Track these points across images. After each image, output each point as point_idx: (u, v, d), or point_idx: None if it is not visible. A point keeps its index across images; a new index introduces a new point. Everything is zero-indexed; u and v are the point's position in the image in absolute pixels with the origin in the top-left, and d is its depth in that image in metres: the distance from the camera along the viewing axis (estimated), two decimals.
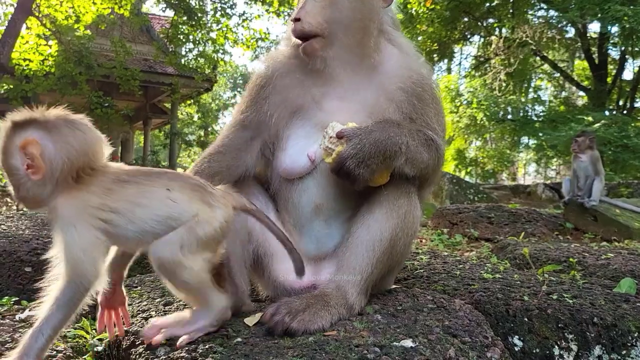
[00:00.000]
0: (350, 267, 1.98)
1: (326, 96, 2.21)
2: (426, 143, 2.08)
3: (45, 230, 3.17)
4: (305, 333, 1.73)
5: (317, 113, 2.20)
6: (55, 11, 14.71)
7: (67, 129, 1.49)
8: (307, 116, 2.21)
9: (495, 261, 3.64)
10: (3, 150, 1.47)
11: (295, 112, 2.23)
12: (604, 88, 23.13)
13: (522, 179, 33.63)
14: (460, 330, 1.82)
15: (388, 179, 2.02)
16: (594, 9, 18.73)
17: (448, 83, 28.03)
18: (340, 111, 2.15)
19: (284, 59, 2.31)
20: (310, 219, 2.16)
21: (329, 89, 2.21)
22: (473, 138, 28.71)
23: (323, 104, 2.21)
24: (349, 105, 2.19)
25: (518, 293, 2.38)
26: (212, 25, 18.07)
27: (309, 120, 2.20)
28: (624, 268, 3.29)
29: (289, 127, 2.22)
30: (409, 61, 2.30)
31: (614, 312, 2.22)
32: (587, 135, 7.27)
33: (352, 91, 2.21)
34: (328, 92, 2.21)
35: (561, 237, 6.23)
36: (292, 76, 2.26)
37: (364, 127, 1.96)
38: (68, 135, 1.47)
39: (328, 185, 2.12)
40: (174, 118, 21.29)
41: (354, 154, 1.89)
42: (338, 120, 2.03)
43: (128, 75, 15.97)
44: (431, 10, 23.46)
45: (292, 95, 2.24)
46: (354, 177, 1.91)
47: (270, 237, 1.96)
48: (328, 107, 2.19)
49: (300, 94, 2.23)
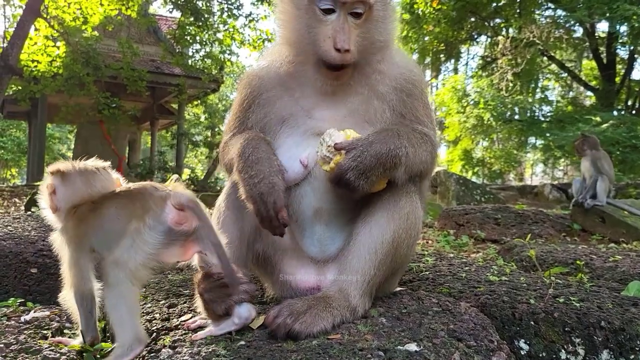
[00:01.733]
0: (353, 270, 1.98)
1: (316, 106, 2.19)
2: (422, 141, 2.07)
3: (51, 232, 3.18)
4: (308, 336, 1.73)
5: (307, 121, 2.17)
6: (63, 13, 14.78)
7: (78, 177, 1.87)
8: (297, 124, 2.18)
9: (501, 263, 3.61)
10: (42, 190, 1.93)
11: (284, 121, 2.20)
12: (612, 88, 22.98)
13: (530, 179, 33.45)
14: (465, 334, 1.80)
15: (386, 185, 2.02)
16: (603, 8, 18.62)
17: (455, 83, 27.98)
18: (331, 118, 2.14)
19: (269, 74, 2.26)
20: (311, 223, 2.15)
21: (318, 99, 2.18)
22: (480, 138, 28.61)
23: (313, 112, 2.18)
24: (337, 112, 2.17)
25: (524, 296, 2.36)
26: (219, 26, 18.07)
27: (298, 128, 2.17)
28: (632, 270, 3.26)
29: (279, 137, 2.19)
30: (398, 59, 2.29)
31: (622, 316, 2.19)
32: (584, 137, 7.31)
33: (342, 97, 2.18)
34: (317, 102, 2.18)
35: (568, 239, 6.19)
36: (278, 89, 2.23)
37: (363, 138, 1.94)
38: (76, 183, 1.87)
39: (325, 190, 2.10)
40: (180, 119, 21.31)
41: (354, 166, 1.88)
42: (330, 126, 2.03)
43: (135, 76, 16.00)
44: (438, 11, 23.41)
45: (279, 106, 2.21)
46: (353, 188, 1.90)
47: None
48: (318, 115, 2.17)
49: (289, 104, 2.21)
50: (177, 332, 1.80)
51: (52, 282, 2.78)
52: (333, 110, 2.17)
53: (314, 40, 2.03)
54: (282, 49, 2.24)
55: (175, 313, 2.01)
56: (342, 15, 1.99)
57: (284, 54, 2.21)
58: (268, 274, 2.27)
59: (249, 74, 2.36)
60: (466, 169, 27.91)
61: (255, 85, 2.26)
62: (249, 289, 1.79)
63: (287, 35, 2.18)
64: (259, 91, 2.24)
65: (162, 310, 2.05)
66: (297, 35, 2.12)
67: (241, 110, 2.27)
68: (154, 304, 2.15)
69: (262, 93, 2.23)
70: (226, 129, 2.38)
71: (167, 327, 1.84)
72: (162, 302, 2.18)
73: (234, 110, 2.33)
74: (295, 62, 2.18)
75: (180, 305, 2.11)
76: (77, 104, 17.44)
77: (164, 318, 1.95)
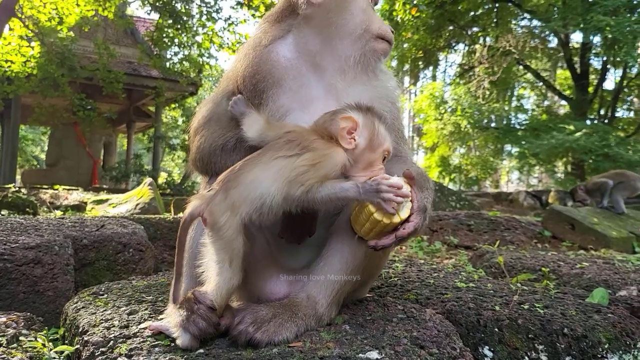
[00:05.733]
0: (323, 278, 1.94)
1: (319, 97, 2.14)
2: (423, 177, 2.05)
3: (14, 236, 3.10)
4: (269, 344, 1.70)
5: (303, 115, 2.09)
6: (38, 12, 14.58)
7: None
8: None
9: (470, 270, 3.63)
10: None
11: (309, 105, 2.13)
12: (585, 97, 23.44)
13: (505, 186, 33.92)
14: (428, 342, 1.79)
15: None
16: (577, 19, 19.01)
17: (433, 90, 28.25)
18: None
19: (293, 52, 2.20)
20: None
21: (326, 88, 2.15)
22: (457, 145, 28.94)
23: (312, 106, 2.11)
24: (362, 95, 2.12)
25: (490, 303, 2.36)
26: (198, 29, 17.97)
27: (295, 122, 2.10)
28: (598, 278, 3.30)
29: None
30: (385, 70, 2.33)
31: (584, 323, 2.21)
32: (577, 187, 8.26)
33: (348, 93, 2.14)
34: (321, 93, 2.15)
35: (539, 245, 6.26)
36: (307, 70, 2.17)
37: (425, 198, 1.88)
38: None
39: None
40: (158, 122, 21.11)
41: (420, 227, 1.81)
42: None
43: (111, 77, 15.83)
44: (416, 18, 23.64)
45: (305, 92, 2.14)
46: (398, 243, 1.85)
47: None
48: (318, 108, 2.08)
49: (317, 87, 2.16)
50: (135, 339, 1.75)
51: (12, 287, 2.71)
52: (358, 96, 2.11)
53: (372, 20, 2.19)
54: (303, 27, 2.20)
55: (135, 320, 1.96)
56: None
57: (305, 33, 2.19)
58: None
59: (260, 51, 2.20)
60: (443, 176, 28.19)
61: (277, 67, 2.15)
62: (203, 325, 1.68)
63: (333, 11, 2.16)
64: (285, 74, 2.14)
65: (121, 317, 2.00)
66: (350, 12, 2.17)
67: (249, 97, 2.12)
68: (114, 310, 2.10)
69: (289, 76, 2.14)
70: (203, 124, 2.19)
71: (126, 334, 1.79)
72: (123, 308, 2.13)
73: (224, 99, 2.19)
74: (335, 40, 2.16)
75: (142, 312, 2.07)
76: (51, 105, 17.19)
77: (122, 325, 1.90)
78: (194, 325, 1.65)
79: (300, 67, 2.16)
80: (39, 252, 2.85)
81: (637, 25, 17.67)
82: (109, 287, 2.55)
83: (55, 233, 3.27)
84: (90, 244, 3.34)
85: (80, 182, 17.14)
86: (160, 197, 8.47)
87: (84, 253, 3.31)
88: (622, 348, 2.15)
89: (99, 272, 3.34)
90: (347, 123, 1.85)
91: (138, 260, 3.52)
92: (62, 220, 3.96)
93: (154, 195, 7.74)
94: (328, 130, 1.86)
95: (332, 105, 2.06)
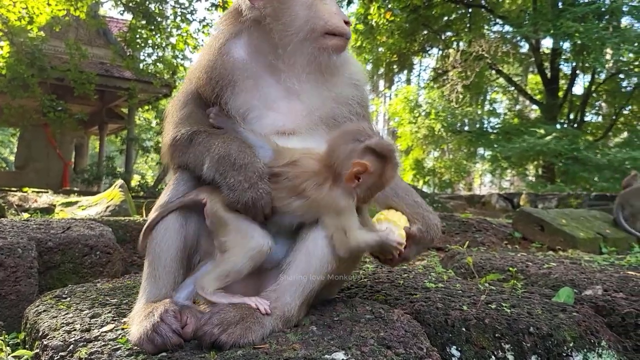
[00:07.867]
0: (293, 279, 1.92)
1: (280, 97, 2.14)
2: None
3: None
4: (234, 347, 1.67)
5: (269, 113, 2.12)
6: (7, 12, 14.23)
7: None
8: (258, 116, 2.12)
9: (440, 270, 3.65)
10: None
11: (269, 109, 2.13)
12: (555, 102, 23.95)
13: (478, 189, 34.37)
14: (395, 342, 1.79)
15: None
16: (547, 25, 19.43)
17: (407, 94, 28.52)
18: (292, 112, 2.12)
19: (246, 54, 2.20)
20: None
21: (303, 82, 2.16)
22: (431, 148, 29.26)
23: (275, 105, 2.13)
24: (302, 106, 2.14)
25: (458, 303, 2.37)
26: (172, 31, 17.80)
27: (259, 121, 2.11)
28: (564, 277, 3.34)
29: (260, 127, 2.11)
30: (354, 63, 2.36)
31: (550, 322, 2.23)
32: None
33: (308, 93, 2.16)
34: (282, 93, 2.15)
35: (510, 247, 6.33)
36: (263, 71, 2.18)
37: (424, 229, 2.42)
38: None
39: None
40: (131, 123, 20.79)
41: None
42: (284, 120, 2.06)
43: (83, 78, 15.54)
44: (391, 22, 23.86)
45: (265, 92, 2.15)
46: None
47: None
48: (282, 107, 2.13)
49: (274, 88, 2.16)
50: (96, 343, 1.71)
51: None
52: (297, 103, 2.14)
53: (318, 16, 2.10)
54: (253, 30, 2.19)
55: (97, 323, 1.92)
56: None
57: (256, 34, 2.18)
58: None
59: (214, 52, 2.20)
60: (417, 179, 28.44)
61: (230, 67, 2.15)
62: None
63: (275, 14, 2.12)
64: (239, 74, 2.14)
65: (83, 320, 1.95)
66: (293, 13, 2.11)
67: (207, 98, 2.14)
68: (76, 313, 2.05)
69: (243, 76, 2.14)
70: (179, 120, 2.19)
71: (87, 338, 1.75)
72: (86, 311, 2.08)
73: (190, 98, 2.21)
74: (283, 41, 2.13)
75: (105, 315, 2.02)
76: (20, 106, 16.78)
77: (84, 329, 1.85)
78: (159, 336, 1.65)
79: (253, 68, 2.17)
80: (1, 255, 2.77)
81: (604, 32, 18.15)
82: (72, 290, 2.49)
83: (19, 235, 3.17)
84: (55, 247, 3.25)
85: (51, 185, 16.75)
86: (131, 200, 8.31)
87: (49, 256, 3.22)
88: (587, 346, 2.18)
89: (64, 275, 3.25)
90: (359, 167, 1.91)
91: (105, 262, 3.44)
92: (27, 223, 3.85)
93: (125, 198, 7.58)
94: (337, 166, 1.93)
95: (296, 105, 2.10)
